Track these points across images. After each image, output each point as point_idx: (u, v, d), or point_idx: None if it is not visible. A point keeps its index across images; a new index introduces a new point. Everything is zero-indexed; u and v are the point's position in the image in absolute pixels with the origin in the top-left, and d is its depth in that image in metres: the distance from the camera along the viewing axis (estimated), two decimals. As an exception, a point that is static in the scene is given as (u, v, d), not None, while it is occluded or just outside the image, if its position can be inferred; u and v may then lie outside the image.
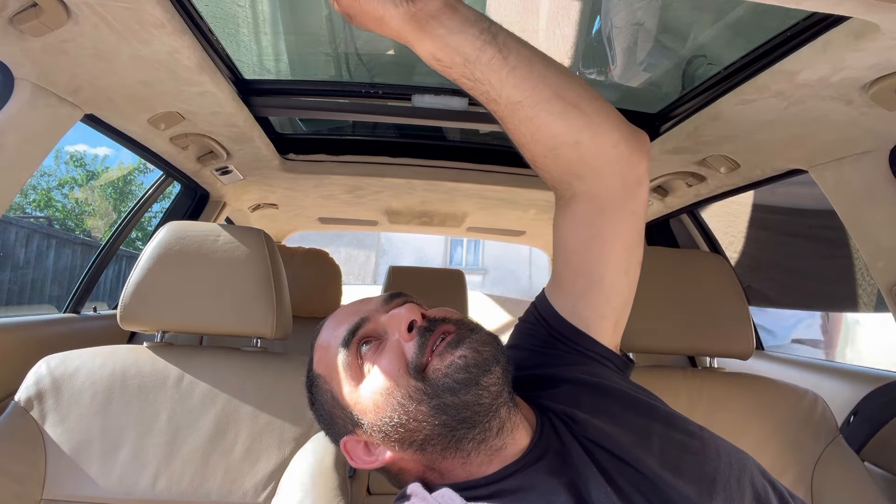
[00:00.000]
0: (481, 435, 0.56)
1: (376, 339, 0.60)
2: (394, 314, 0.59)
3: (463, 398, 0.54)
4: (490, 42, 0.57)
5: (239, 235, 1.00)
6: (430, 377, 0.55)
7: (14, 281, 4.69)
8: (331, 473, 0.84)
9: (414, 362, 0.56)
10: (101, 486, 0.85)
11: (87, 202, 8.85)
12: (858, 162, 0.95)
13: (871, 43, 0.64)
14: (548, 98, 0.59)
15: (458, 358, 0.55)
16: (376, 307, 0.62)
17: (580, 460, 0.56)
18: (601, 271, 0.67)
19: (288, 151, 1.50)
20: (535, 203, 1.72)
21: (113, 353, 0.95)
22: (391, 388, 0.56)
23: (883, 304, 1.02)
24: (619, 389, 0.64)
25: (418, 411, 0.55)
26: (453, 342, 0.56)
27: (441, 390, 0.55)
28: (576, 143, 0.61)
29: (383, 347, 0.59)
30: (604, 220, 0.66)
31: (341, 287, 1.94)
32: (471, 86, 0.59)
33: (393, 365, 0.57)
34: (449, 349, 0.56)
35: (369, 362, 0.58)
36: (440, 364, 0.56)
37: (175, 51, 0.83)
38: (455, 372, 0.55)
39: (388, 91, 1.18)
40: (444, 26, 0.55)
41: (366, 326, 0.61)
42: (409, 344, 0.57)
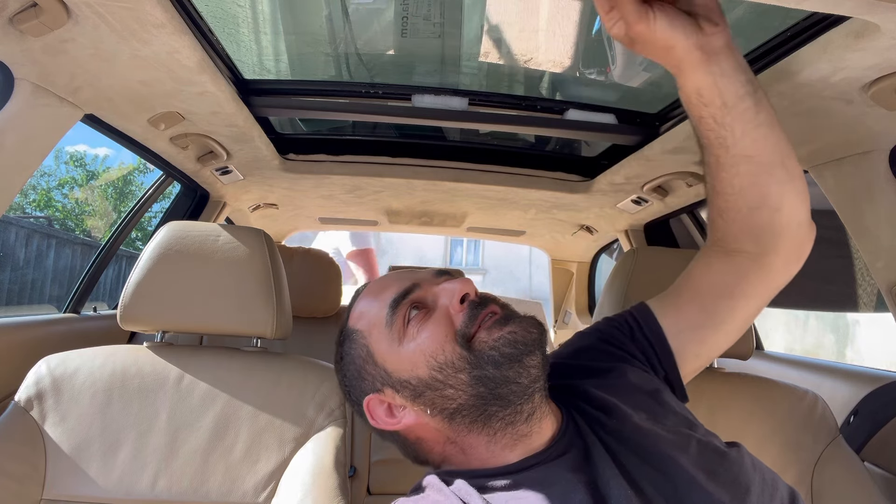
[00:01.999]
0: (511, 416, 0.57)
1: (424, 307, 0.61)
2: (447, 286, 0.61)
3: (504, 373, 0.56)
4: (751, 94, 0.59)
5: (239, 235, 1.00)
6: (475, 347, 0.57)
7: (14, 281, 4.69)
8: (331, 473, 0.84)
9: (462, 331, 0.58)
10: (101, 486, 0.85)
11: (87, 202, 8.84)
12: (858, 162, 0.95)
13: (871, 43, 0.64)
14: (775, 163, 0.62)
15: (508, 333, 0.57)
16: (427, 278, 0.64)
17: (602, 461, 0.57)
18: (725, 319, 0.70)
19: (288, 151, 1.50)
20: (535, 203, 1.72)
21: (113, 353, 0.95)
22: (435, 351, 0.58)
23: (883, 304, 1.02)
24: (669, 402, 0.65)
25: (458, 379, 0.57)
26: (502, 319, 0.59)
27: (485, 362, 0.56)
28: (776, 211, 0.65)
29: (431, 315, 0.60)
30: (755, 282, 0.69)
31: (341, 287, 1.94)
32: (712, 127, 0.61)
33: (441, 330, 0.58)
34: (498, 325, 0.58)
35: (415, 326, 0.60)
36: (487, 337, 0.57)
37: (175, 51, 0.83)
38: (503, 346, 0.56)
39: (388, 91, 1.18)
40: (719, 65, 0.58)
41: (417, 292, 0.62)
42: (460, 314, 0.59)
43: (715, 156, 0.64)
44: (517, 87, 1.33)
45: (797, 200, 0.65)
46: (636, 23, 0.54)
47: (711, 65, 0.57)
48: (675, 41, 0.55)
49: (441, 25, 1.09)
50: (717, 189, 0.67)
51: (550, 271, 2.76)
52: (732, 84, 0.58)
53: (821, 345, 5.43)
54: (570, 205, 1.70)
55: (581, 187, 1.55)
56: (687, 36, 0.55)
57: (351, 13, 1.13)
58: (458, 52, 1.18)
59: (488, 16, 1.14)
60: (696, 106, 0.61)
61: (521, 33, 1.17)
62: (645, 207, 1.58)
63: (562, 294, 2.77)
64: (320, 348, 1.84)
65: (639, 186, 1.44)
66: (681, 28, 0.55)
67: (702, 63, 0.57)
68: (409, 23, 1.10)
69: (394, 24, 1.12)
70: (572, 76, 1.26)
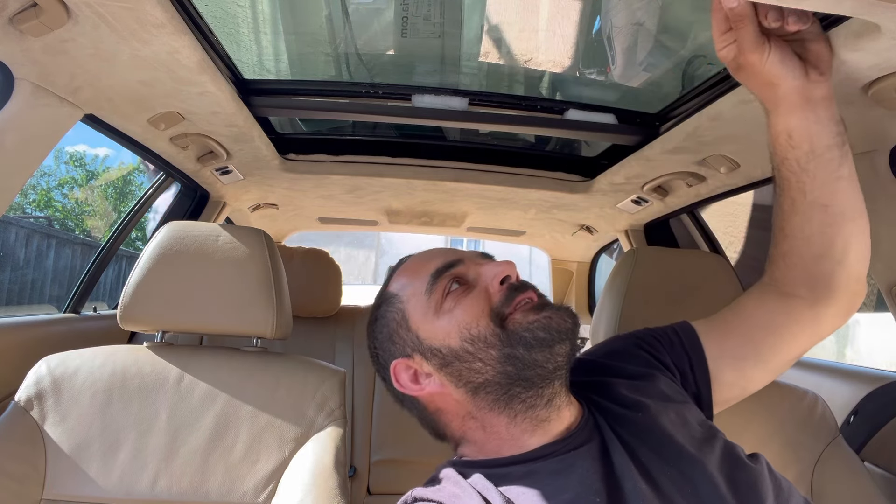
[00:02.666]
0: (532, 399, 0.59)
1: (465, 283, 0.62)
2: (489, 267, 0.63)
3: (534, 356, 0.57)
4: (839, 145, 0.60)
5: (239, 235, 1.00)
6: (509, 327, 0.58)
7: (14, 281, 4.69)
8: (331, 473, 0.84)
9: (497, 309, 0.60)
10: (101, 486, 0.85)
11: (87, 202, 8.85)
12: (858, 162, 0.94)
13: (871, 43, 0.63)
14: (848, 216, 0.64)
15: (543, 318, 0.58)
16: (471, 257, 0.65)
17: (620, 455, 0.58)
18: (768, 356, 0.70)
19: (288, 151, 1.50)
20: (535, 203, 1.72)
21: (113, 353, 0.95)
22: (469, 323, 0.59)
23: (883, 304, 1.02)
24: (695, 413, 0.66)
25: (488, 354, 0.58)
26: (539, 305, 0.60)
27: (517, 342, 0.58)
28: (838, 263, 0.66)
29: (470, 291, 0.61)
30: (804, 327, 0.69)
31: (341, 287, 1.94)
32: (794, 170, 0.62)
33: (477, 306, 0.60)
34: (535, 310, 0.59)
35: (453, 300, 0.61)
36: (523, 319, 0.59)
37: (175, 51, 0.83)
38: (537, 329, 0.58)
39: (388, 91, 1.18)
40: (816, 113, 0.58)
41: (459, 267, 0.63)
42: (498, 293, 0.61)
43: (791, 199, 0.64)
44: (517, 87, 1.33)
45: (860, 256, 0.66)
46: (751, 52, 0.55)
47: (808, 111, 0.58)
48: (782, 80, 0.56)
49: (441, 25, 1.09)
50: (785, 232, 0.67)
51: (550, 271, 2.76)
52: (824, 133, 0.59)
53: (820, 345, 5.44)
54: (570, 205, 1.70)
55: (581, 187, 1.55)
56: (794, 77, 0.56)
57: (351, 13, 1.13)
58: (458, 52, 1.18)
59: (488, 16, 1.14)
60: (782, 147, 0.61)
61: (521, 33, 1.17)
62: (645, 207, 1.58)
63: (562, 294, 2.77)
64: (320, 348, 1.84)
65: (639, 186, 1.44)
66: (790, 68, 0.56)
67: (800, 107, 0.58)
68: (409, 23, 1.10)
69: (394, 24, 1.12)
70: (572, 76, 1.26)
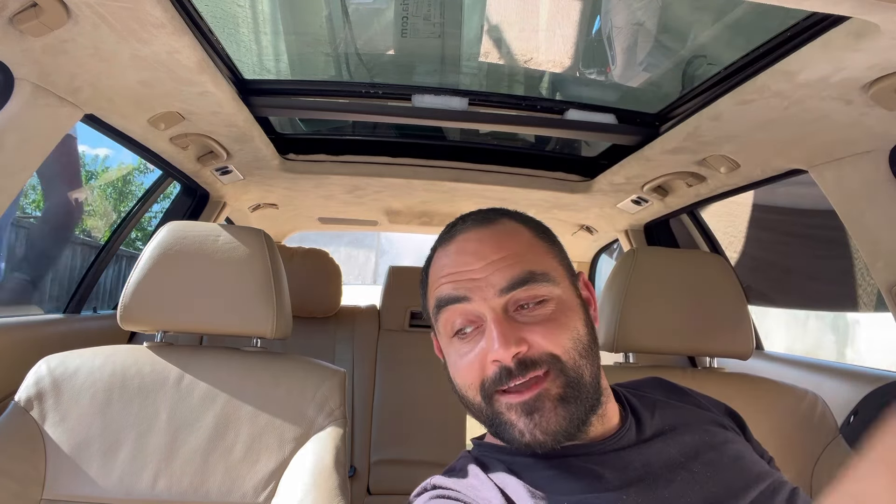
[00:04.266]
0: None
1: (473, 325, 0.58)
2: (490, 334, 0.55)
3: (519, 444, 0.55)
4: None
5: (239, 235, 1.00)
6: (494, 407, 0.56)
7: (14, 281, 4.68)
8: (331, 473, 0.84)
9: (486, 386, 0.56)
10: (101, 486, 0.85)
11: (86, 202, 8.84)
12: (858, 162, 0.95)
13: (871, 43, 0.64)
14: None
15: (526, 423, 0.54)
16: (488, 295, 0.57)
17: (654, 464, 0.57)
18: None
19: (288, 151, 1.50)
20: (535, 203, 1.72)
21: (113, 353, 0.95)
22: (462, 386, 0.59)
23: (883, 304, 1.02)
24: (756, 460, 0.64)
25: (480, 416, 0.58)
26: (527, 407, 0.54)
27: (501, 427, 0.56)
28: None
29: (472, 346, 0.57)
30: None
31: (341, 287, 1.94)
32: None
33: (471, 373, 0.57)
34: (523, 409, 0.54)
35: (457, 346, 0.59)
36: (507, 412, 0.55)
37: (175, 51, 0.83)
38: (519, 430, 0.55)
39: (388, 91, 1.18)
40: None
41: (464, 306, 0.58)
42: (492, 368, 0.55)
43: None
44: (517, 87, 1.33)
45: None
46: None
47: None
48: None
49: (441, 25, 1.09)
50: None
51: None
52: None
53: (821, 345, 5.44)
54: (570, 205, 1.70)
55: (581, 187, 1.55)
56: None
57: (351, 13, 1.13)
58: (458, 52, 1.18)
59: (488, 16, 1.14)
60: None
61: (521, 33, 1.17)
62: (645, 207, 1.58)
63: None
64: (320, 348, 1.84)
65: (639, 186, 1.44)
66: None
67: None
68: (409, 23, 1.10)
69: (394, 24, 1.12)
70: (572, 76, 1.26)
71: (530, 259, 0.58)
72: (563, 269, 0.61)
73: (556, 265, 0.60)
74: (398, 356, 1.87)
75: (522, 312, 0.56)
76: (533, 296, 0.56)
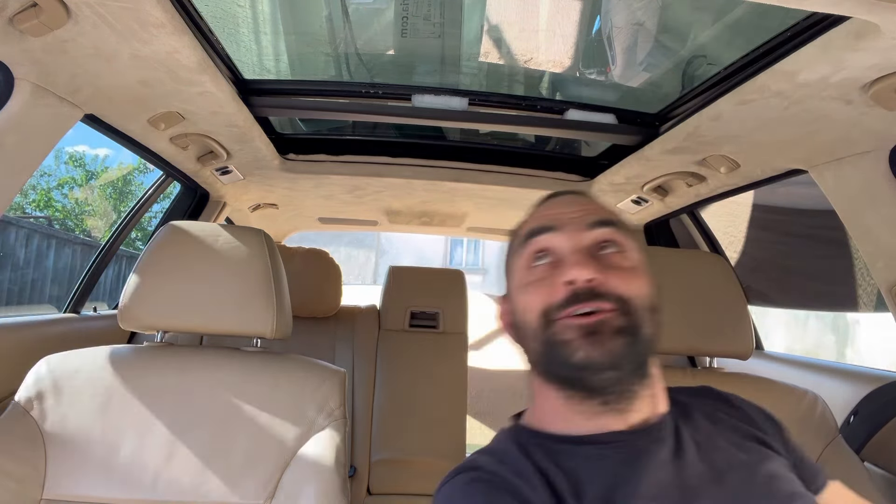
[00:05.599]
0: (580, 397, 0.57)
1: (551, 257, 0.60)
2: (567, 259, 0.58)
3: (570, 373, 0.55)
4: None
5: (239, 235, 1.00)
6: (552, 331, 0.56)
7: (14, 281, 4.69)
8: (331, 473, 0.84)
9: (549, 309, 0.56)
10: (102, 486, 0.85)
11: (87, 202, 8.85)
12: (858, 162, 0.95)
13: (871, 43, 0.64)
14: None
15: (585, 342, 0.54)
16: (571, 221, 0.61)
17: (691, 466, 0.56)
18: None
19: (288, 151, 1.50)
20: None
21: (113, 353, 0.95)
22: (525, 309, 0.59)
23: (883, 304, 1.02)
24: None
25: (533, 344, 0.58)
26: (587, 329, 0.54)
27: (554, 352, 0.56)
28: None
29: (546, 273, 0.59)
30: None
31: (341, 287, 1.94)
32: None
33: (539, 296, 0.58)
34: (583, 330, 0.54)
35: (531, 276, 0.60)
36: (564, 333, 0.55)
37: (175, 51, 0.83)
38: (573, 351, 0.55)
39: (388, 91, 1.18)
40: None
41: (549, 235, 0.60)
42: (560, 292, 0.56)
43: None
44: (517, 87, 1.33)
45: None
46: None
47: None
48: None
49: (441, 25, 1.10)
50: None
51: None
52: None
53: (821, 345, 5.43)
54: (570, 205, 1.70)
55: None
56: None
57: (351, 13, 1.13)
58: (458, 52, 1.18)
59: (488, 16, 1.14)
60: None
61: (521, 33, 1.17)
62: (645, 207, 1.58)
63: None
64: (320, 348, 1.84)
65: (639, 186, 1.44)
66: None
67: None
68: (409, 23, 1.10)
69: (394, 24, 1.12)
70: (572, 76, 1.26)
71: (617, 219, 0.62)
72: (637, 249, 0.63)
73: (637, 250, 0.62)
74: (398, 356, 1.87)
75: (604, 255, 0.58)
76: (615, 240, 0.59)
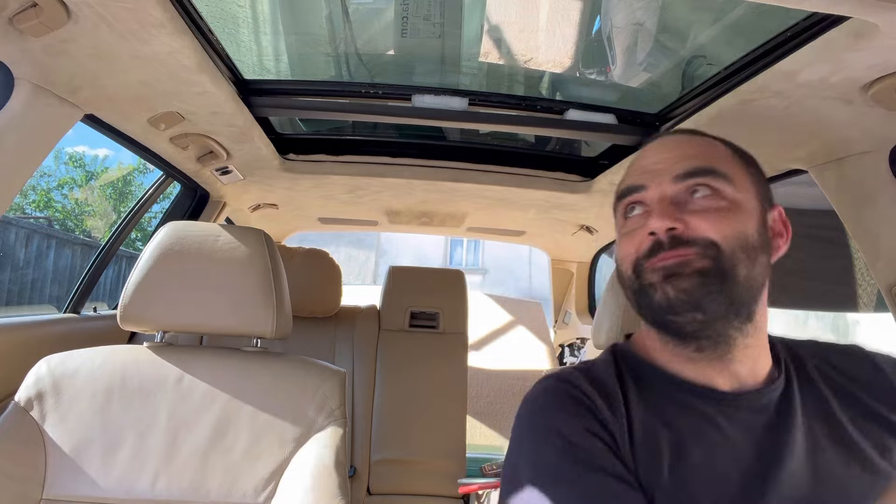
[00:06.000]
0: (676, 340, 0.58)
1: (644, 207, 0.61)
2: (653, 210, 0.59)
3: (658, 316, 0.58)
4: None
5: (239, 235, 1.00)
6: (643, 279, 0.58)
7: (14, 281, 4.69)
8: (331, 473, 0.84)
9: (638, 260, 0.59)
10: (101, 486, 0.85)
11: (86, 202, 8.85)
12: (858, 162, 0.95)
13: (871, 43, 0.64)
14: None
15: (664, 286, 0.56)
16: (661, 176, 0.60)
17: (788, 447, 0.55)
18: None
19: (288, 151, 1.50)
20: (535, 203, 1.72)
21: (113, 353, 0.95)
22: (620, 261, 0.62)
23: (883, 304, 1.02)
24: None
25: (628, 291, 0.62)
26: (668, 270, 0.56)
27: (643, 297, 0.59)
28: None
29: (637, 225, 0.60)
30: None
31: (341, 287, 1.94)
32: None
33: (630, 247, 0.60)
34: (664, 273, 0.56)
35: (625, 227, 0.62)
36: (651, 277, 0.57)
37: (175, 51, 0.83)
38: (655, 294, 0.57)
39: (388, 91, 1.18)
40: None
41: (641, 194, 0.61)
42: (646, 243, 0.58)
43: None
44: (517, 87, 1.33)
45: None
46: None
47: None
48: None
49: (441, 25, 1.09)
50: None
51: (550, 271, 2.76)
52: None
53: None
54: (570, 205, 1.70)
55: (581, 187, 1.55)
56: None
57: (351, 13, 1.13)
58: (458, 52, 1.18)
59: (488, 16, 1.14)
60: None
61: (521, 33, 1.17)
62: (645, 207, 1.58)
63: (562, 294, 2.77)
64: (320, 348, 1.84)
65: (639, 186, 1.44)
66: None
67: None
68: (409, 23, 1.10)
69: (394, 24, 1.12)
70: (572, 76, 1.26)
71: (717, 160, 0.60)
72: (753, 188, 0.61)
73: (747, 180, 0.61)
74: (398, 356, 1.87)
75: (694, 200, 0.58)
76: (708, 184, 0.58)
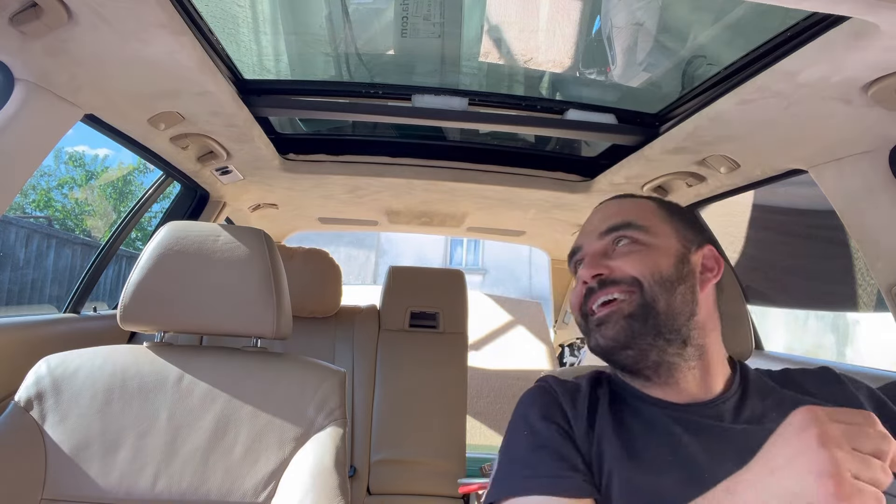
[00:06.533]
0: (624, 371, 0.69)
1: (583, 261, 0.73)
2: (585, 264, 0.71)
3: (601, 357, 0.68)
4: None
5: (239, 235, 1.00)
6: (587, 322, 0.69)
7: (14, 281, 4.69)
8: (331, 473, 0.84)
9: (581, 307, 0.71)
10: (101, 486, 0.85)
11: (87, 202, 8.85)
12: (858, 162, 0.95)
13: (871, 43, 0.64)
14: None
15: (597, 334, 0.68)
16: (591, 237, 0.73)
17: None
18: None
19: (288, 151, 1.50)
20: (535, 203, 1.72)
21: (113, 353, 0.95)
22: (571, 308, 0.73)
23: (883, 304, 1.02)
24: None
25: (582, 332, 0.72)
26: (600, 321, 0.67)
27: (589, 339, 0.69)
28: None
29: (580, 274, 0.71)
30: None
31: (341, 287, 1.94)
32: None
33: (575, 298, 0.71)
34: (595, 322, 0.68)
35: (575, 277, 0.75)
36: (591, 324, 0.69)
37: (175, 51, 0.83)
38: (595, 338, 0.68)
39: (388, 91, 1.19)
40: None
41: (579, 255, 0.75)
42: (581, 289, 0.70)
43: None
44: (517, 87, 1.33)
45: None
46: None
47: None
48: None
49: (441, 25, 1.09)
50: None
51: (550, 271, 2.76)
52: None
53: (821, 345, 5.44)
54: (570, 205, 1.70)
55: (581, 187, 1.55)
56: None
57: (351, 13, 1.13)
58: (458, 52, 1.18)
59: (488, 16, 1.14)
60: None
61: (521, 33, 1.17)
62: (645, 207, 1.58)
63: (562, 294, 2.78)
64: (320, 348, 1.84)
65: (639, 186, 1.44)
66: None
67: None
68: (409, 23, 1.10)
69: (394, 24, 1.12)
70: (572, 76, 1.26)
71: (637, 215, 0.71)
72: (674, 233, 0.70)
73: (666, 228, 0.70)
74: (398, 356, 1.87)
75: (617, 249, 0.69)
76: (625, 236, 0.69)
